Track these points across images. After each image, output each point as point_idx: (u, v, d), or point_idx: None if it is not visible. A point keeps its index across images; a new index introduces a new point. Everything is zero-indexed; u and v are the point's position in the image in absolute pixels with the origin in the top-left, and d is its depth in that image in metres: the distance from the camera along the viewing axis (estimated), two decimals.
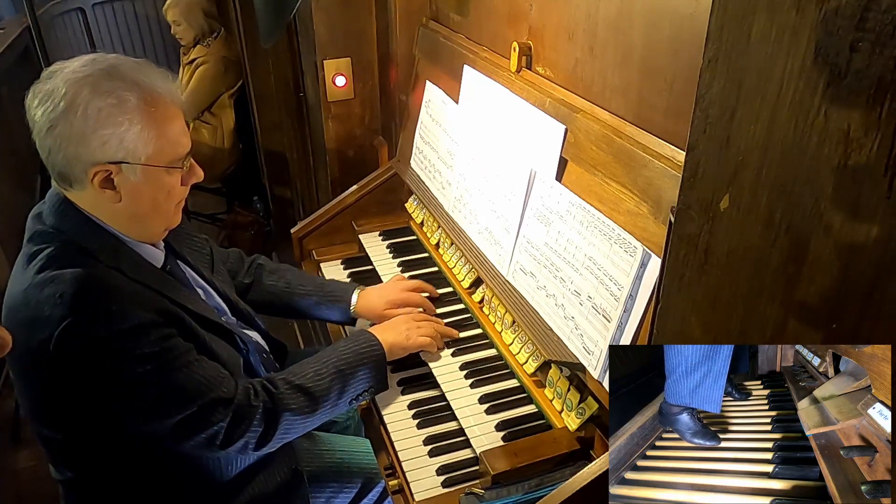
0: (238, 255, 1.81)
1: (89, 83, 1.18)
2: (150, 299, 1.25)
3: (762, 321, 0.74)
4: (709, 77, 0.70)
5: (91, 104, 1.17)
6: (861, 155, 0.59)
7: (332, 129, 2.41)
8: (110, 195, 1.24)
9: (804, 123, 0.62)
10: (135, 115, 1.20)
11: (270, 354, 1.65)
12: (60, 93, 1.17)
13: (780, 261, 0.69)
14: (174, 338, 1.25)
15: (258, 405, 1.33)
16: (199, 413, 1.26)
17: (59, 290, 1.17)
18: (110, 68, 1.21)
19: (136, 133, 1.20)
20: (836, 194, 0.62)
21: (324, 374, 1.44)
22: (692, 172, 0.75)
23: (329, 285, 1.82)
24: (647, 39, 1.23)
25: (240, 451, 1.35)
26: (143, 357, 1.20)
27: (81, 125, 1.17)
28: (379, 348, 1.53)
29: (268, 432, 1.35)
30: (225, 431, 1.29)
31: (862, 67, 0.57)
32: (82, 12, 5.45)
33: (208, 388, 1.28)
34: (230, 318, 1.56)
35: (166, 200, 1.31)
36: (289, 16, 2.16)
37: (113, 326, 1.18)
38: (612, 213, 1.30)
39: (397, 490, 1.43)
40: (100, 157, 1.19)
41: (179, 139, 1.28)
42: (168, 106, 1.25)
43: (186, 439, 1.28)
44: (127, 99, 1.19)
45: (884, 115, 0.57)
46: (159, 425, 1.26)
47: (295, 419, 1.38)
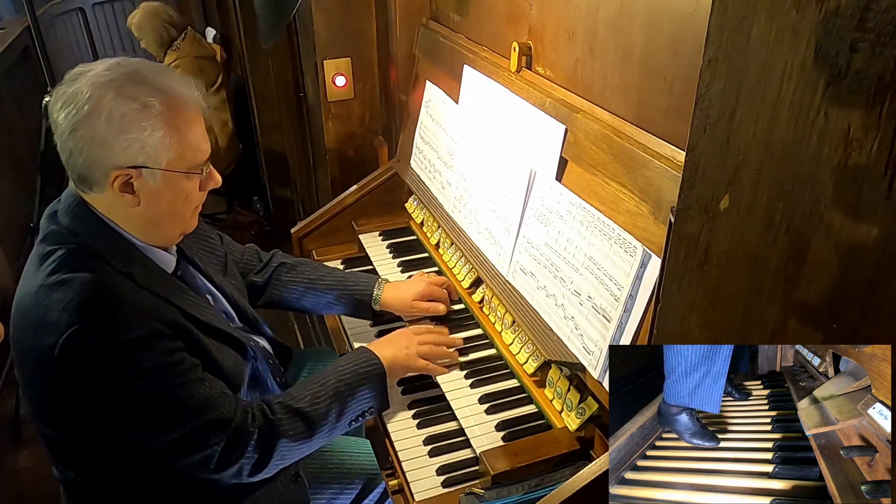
0: (254, 251, 1.80)
1: (114, 87, 1.18)
2: (159, 310, 1.25)
3: (762, 321, 0.74)
4: (709, 77, 0.70)
5: (115, 108, 1.17)
6: (861, 155, 0.59)
7: (332, 129, 2.41)
8: (129, 199, 1.24)
9: (804, 123, 0.62)
10: (158, 121, 1.20)
11: (277, 360, 1.65)
12: (84, 96, 1.17)
13: (780, 261, 0.69)
14: (179, 352, 1.25)
15: (254, 430, 1.32)
16: (195, 433, 1.26)
17: (68, 295, 1.17)
18: (134, 73, 1.22)
19: (159, 138, 1.20)
20: (836, 194, 0.62)
21: (322, 397, 1.42)
22: (692, 172, 0.75)
23: (350, 278, 1.81)
24: (647, 39, 1.23)
25: (234, 476, 1.33)
26: (145, 370, 1.20)
27: (105, 129, 1.17)
28: (379, 367, 1.50)
29: (263, 459, 1.34)
30: (220, 455, 1.28)
31: (862, 67, 0.57)
32: (82, 12, 5.45)
33: (207, 408, 1.27)
34: (238, 324, 1.55)
35: (184, 206, 1.31)
36: (289, 16, 2.16)
37: (118, 336, 1.18)
38: (612, 213, 1.30)
39: (397, 490, 1.43)
40: (122, 161, 1.20)
41: (200, 145, 1.28)
42: (190, 111, 1.26)
43: (180, 458, 1.27)
44: (151, 104, 1.20)
45: (884, 115, 0.57)
46: (153, 440, 1.25)
47: (291, 445, 1.37)
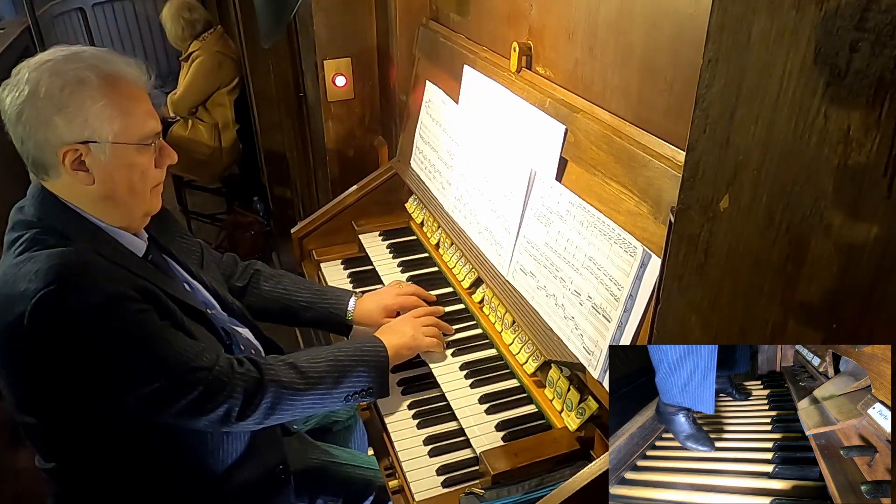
0: (232, 258, 1.81)
1: (49, 67, 1.22)
2: (127, 277, 1.25)
3: (762, 321, 0.74)
4: (709, 77, 0.70)
5: (52, 85, 1.20)
6: (861, 155, 0.59)
7: (332, 129, 2.42)
8: (83, 177, 1.25)
9: (804, 123, 0.62)
10: (96, 93, 1.23)
11: (262, 353, 1.65)
12: (24, 79, 1.21)
13: (780, 261, 0.69)
14: (149, 312, 1.25)
15: (242, 373, 1.33)
16: (176, 382, 1.26)
17: (34, 267, 1.19)
18: (71, 54, 1.26)
19: (99, 109, 1.23)
20: (836, 194, 0.62)
21: (319, 360, 1.44)
22: (692, 172, 0.75)
23: (327, 292, 1.80)
24: (647, 39, 1.23)
25: (221, 420, 1.32)
26: (116, 329, 1.21)
27: (45, 107, 1.20)
28: (383, 351, 1.52)
29: (251, 400, 1.33)
30: (202, 398, 1.28)
31: (862, 67, 0.57)
32: (82, 12, 5.45)
33: (186, 359, 1.27)
34: (220, 312, 1.55)
35: (141, 181, 1.32)
36: (289, 16, 2.16)
37: (87, 297, 1.18)
38: (612, 213, 1.30)
39: (397, 490, 1.42)
40: (67, 137, 1.22)
41: (146, 119, 1.30)
42: (130, 86, 1.28)
43: (164, 409, 1.27)
44: (87, 77, 1.23)
45: (884, 115, 0.57)
46: (133, 396, 1.24)
47: (284, 392, 1.37)
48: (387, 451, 1.50)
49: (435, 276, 1.96)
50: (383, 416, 1.55)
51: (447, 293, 1.88)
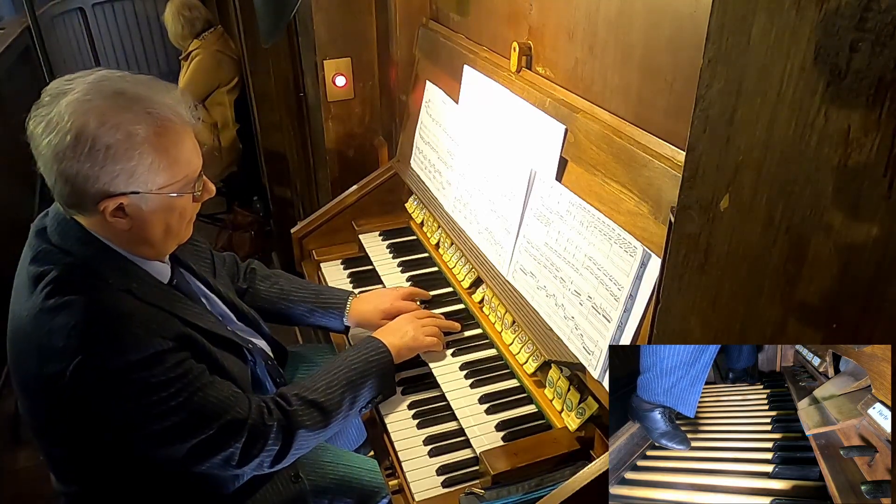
0: (233, 258, 1.81)
1: (95, 115, 1.13)
2: (162, 323, 1.23)
3: (762, 321, 0.74)
4: (709, 77, 0.70)
5: (99, 140, 1.12)
6: (861, 155, 0.59)
7: (332, 129, 2.41)
8: (120, 222, 1.21)
9: (804, 123, 0.62)
10: (145, 147, 1.16)
11: (275, 360, 1.65)
12: (66, 124, 1.12)
13: (780, 261, 0.69)
14: (187, 361, 1.24)
15: (272, 424, 1.33)
16: (216, 436, 1.26)
17: (71, 320, 1.15)
18: (115, 95, 1.16)
19: (148, 165, 1.17)
20: (836, 194, 0.62)
21: (335, 387, 1.44)
22: (692, 172, 0.75)
23: (324, 292, 1.80)
24: (647, 39, 1.23)
25: (255, 469, 1.36)
26: (158, 385, 1.20)
27: (90, 160, 1.13)
28: (387, 354, 1.54)
29: (284, 450, 1.36)
30: (241, 452, 1.29)
31: (862, 67, 0.57)
32: (82, 12, 5.44)
33: (224, 410, 1.27)
34: (236, 324, 1.56)
35: (178, 221, 1.28)
36: (289, 16, 2.16)
37: (127, 357, 1.17)
38: (612, 213, 1.30)
39: (397, 490, 1.43)
40: (110, 190, 1.16)
41: (191, 160, 1.24)
42: (177, 129, 1.21)
43: (203, 461, 1.28)
44: (136, 133, 1.15)
45: (884, 115, 0.57)
46: (175, 450, 1.25)
47: (309, 435, 1.39)
48: (387, 451, 1.50)
49: (435, 276, 1.96)
50: (383, 416, 1.55)
51: (447, 293, 1.88)
